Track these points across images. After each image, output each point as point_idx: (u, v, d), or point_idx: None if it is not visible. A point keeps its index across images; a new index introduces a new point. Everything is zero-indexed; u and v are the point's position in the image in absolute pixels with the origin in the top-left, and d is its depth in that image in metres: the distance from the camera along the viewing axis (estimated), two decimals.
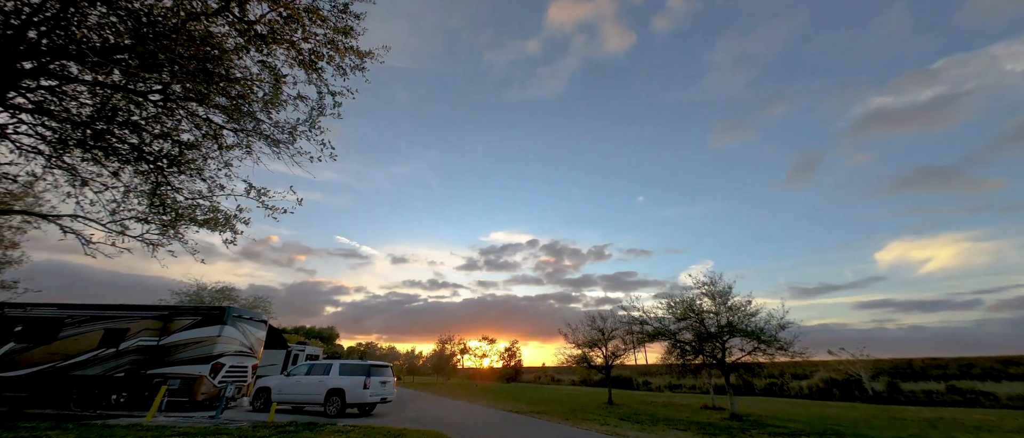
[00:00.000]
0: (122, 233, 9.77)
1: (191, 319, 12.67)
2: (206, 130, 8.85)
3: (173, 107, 8.38)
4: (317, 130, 9.15)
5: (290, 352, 24.25)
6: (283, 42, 8.00)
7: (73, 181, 9.00)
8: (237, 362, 13.10)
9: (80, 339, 12.20)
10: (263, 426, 9.38)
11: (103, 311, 12.72)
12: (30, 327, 12.30)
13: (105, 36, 7.27)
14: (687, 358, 15.75)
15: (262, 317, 15.19)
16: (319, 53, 8.26)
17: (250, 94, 8.42)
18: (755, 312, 14.51)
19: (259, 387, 13.33)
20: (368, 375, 12.30)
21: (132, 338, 12.28)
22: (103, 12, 7.08)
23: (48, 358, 11.94)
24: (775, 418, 14.30)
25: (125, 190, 9.24)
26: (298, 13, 7.74)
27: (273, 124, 8.99)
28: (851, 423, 13.37)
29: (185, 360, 12.04)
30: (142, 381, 11.81)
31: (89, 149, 8.41)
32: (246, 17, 7.73)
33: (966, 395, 22.58)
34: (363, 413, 12.93)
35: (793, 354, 13.68)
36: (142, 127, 8.60)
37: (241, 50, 8.01)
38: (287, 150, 9.20)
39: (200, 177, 9.32)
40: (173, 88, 8.00)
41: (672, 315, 16.28)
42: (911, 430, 11.95)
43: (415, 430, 9.61)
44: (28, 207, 11.54)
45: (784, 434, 10.75)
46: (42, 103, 7.76)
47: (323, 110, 8.95)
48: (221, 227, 9.76)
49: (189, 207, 9.66)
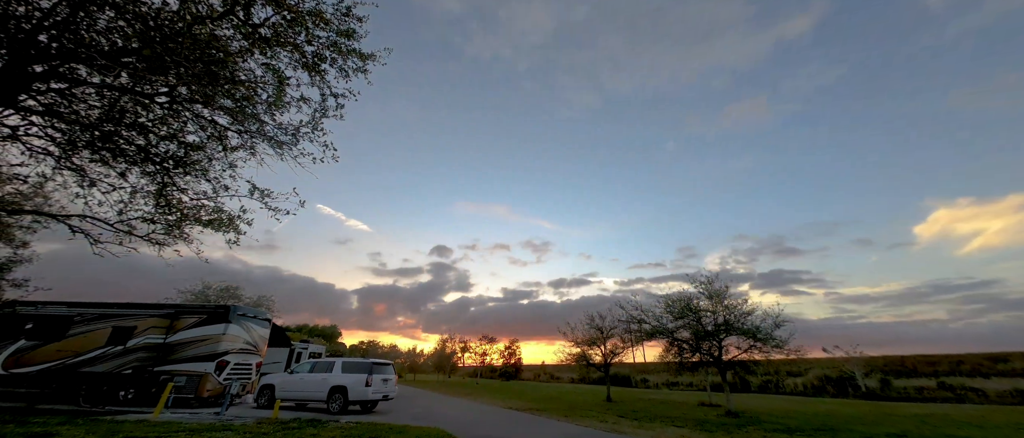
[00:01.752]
0: (129, 233, 9.93)
1: (197, 317, 12.85)
2: (211, 132, 9.00)
3: (179, 109, 8.53)
4: (320, 132, 9.28)
5: (293, 350, 24.46)
6: (287, 45, 8.15)
7: (82, 182, 9.15)
8: (242, 360, 13.29)
9: (89, 337, 12.41)
10: (267, 423, 9.56)
11: (111, 309, 12.92)
12: (41, 325, 12.51)
13: (113, 39, 7.43)
14: (685, 356, 15.97)
15: (266, 315, 15.37)
16: (322, 55, 8.41)
17: (254, 96, 8.56)
18: (751, 311, 14.72)
19: (263, 384, 13.54)
20: (370, 373, 12.48)
21: (139, 336, 12.48)
22: (111, 16, 7.23)
23: (58, 355, 12.15)
24: (770, 415, 14.54)
25: (132, 191, 9.39)
26: (302, 16, 7.88)
27: (277, 126, 9.13)
28: (844, 419, 13.60)
29: (191, 358, 12.23)
30: (149, 378, 12.01)
31: (97, 150, 8.57)
32: (251, 20, 7.88)
33: (956, 391, 22.87)
34: (365, 410, 13.12)
35: (788, 352, 13.90)
36: (149, 129, 8.75)
37: (246, 53, 8.17)
38: (290, 151, 9.33)
39: (205, 178, 9.47)
40: (179, 90, 8.14)
41: (670, 314, 16.49)
42: (903, 426, 12.18)
43: (417, 427, 9.80)
44: (38, 207, 11.72)
45: (779, 430, 10.96)
46: (52, 105, 7.92)
47: (326, 112, 9.09)
48: (225, 227, 9.91)
49: (194, 207, 9.81)
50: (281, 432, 8.44)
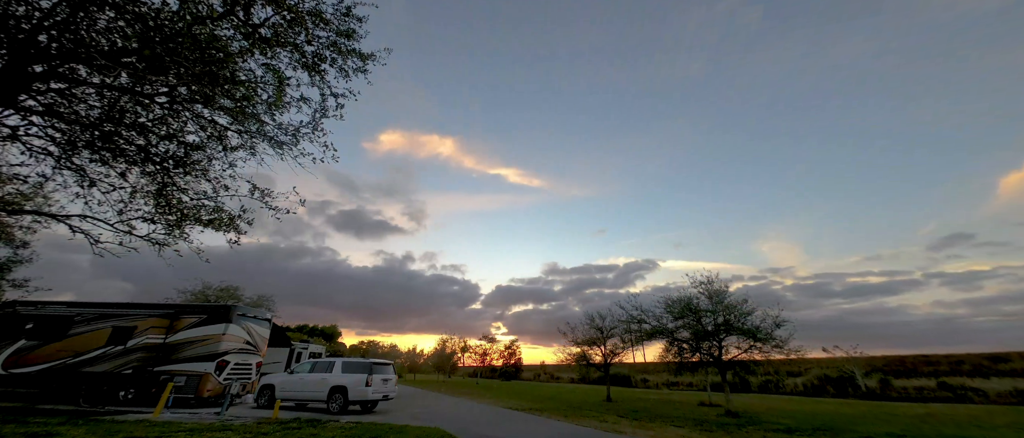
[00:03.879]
0: (129, 233, 9.91)
1: (197, 317, 12.85)
2: (211, 132, 9.00)
3: (179, 109, 8.53)
4: (320, 132, 9.29)
5: (293, 350, 24.48)
6: (287, 45, 8.15)
7: (82, 182, 9.14)
8: (242, 360, 13.29)
9: (89, 336, 12.41)
10: (267, 423, 9.56)
11: (111, 309, 12.92)
12: (41, 325, 12.52)
13: (113, 40, 7.43)
14: (685, 356, 15.98)
15: (266, 315, 15.38)
16: (322, 56, 8.41)
17: (254, 96, 8.56)
18: (751, 311, 14.72)
19: (263, 384, 13.54)
20: (370, 373, 12.48)
21: (139, 336, 12.48)
22: (111, 16, 7.23)
23: (58, 355, 12.16)
24: (770, 414, 14.54)
25: (132, 190, 9.38)
26: (302, 16, 7.88)
27: (277, 126, 9.13)
28: (845, 419, 13.59)
29: (191, 357, 12.23)
30: (149, 378, 12.01)
31: (97, 150, 8.57)
32: (251, 21, 7.89)
33: (956, 391, 22.87)
34: (365, 410, 13.12)
35: (788, 352, 13.90)
36: (149, 129, 8.75)
37: (246, 53, 8.17)
38: (290, 151, 9.34)
39: (205, 178, 9.47)
40: (179, 90, 8.14)
41: (670, 314, 16.50)
42: (903, 426, 12.18)
43: (416, 426, 9.81)
44: (38, 207, 11.71)
45: (779, 430, 10.96)
46: (52, 105, 7.91)
47: (326, 112, 9.09)
48: (225, 227, 9.91)
49: (194, 207, 9.80)
50: (281, 432, 8.45)
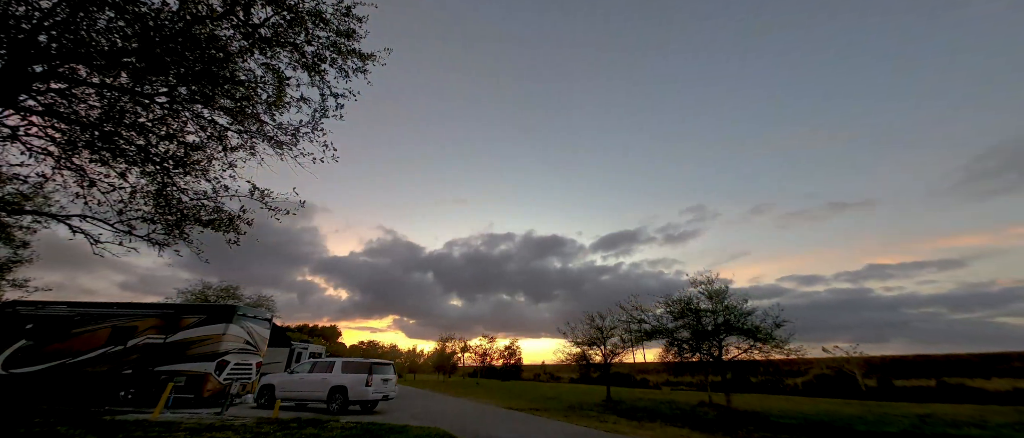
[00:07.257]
0: (129, 233, 9.91)
1: (197, 317, 12.85)
2: (211, 132, 8.99)
3: (179, 109, 8.53)
4: (320, 132, 9.29)
5: (293, 350, 24.49)
6: (287, 45, 8.17)
7: (81, 182, 9.14)
8: (242, 359, 13.29)
9: (89, 336, 12.41)
10: (267, 422, 9.57)
11: (111, 309, 12.93)
12: (41, 325, 12.52)
13: (113, 40, 7.43)
14: (685, 356, 15.99)
15: (266, 315, 15.38)
16: (322, 56, 8.42)
17: (254, 96, 8.58)
18: (751, 311, 14.74)
19: (263, 384, 13.54)
20: (370, 373, 12.48)
21: (140, 336, 12.48)
22: (111, 16, 7.23)
23: (58, 355, 12.16)
24: (770, 414, 14.55)
25: (132, 191, 9.38)
26: (302, 16, 7.89)
27: (277, 126, 9.13)
28: (845, 419, 13.60)
29: (191, 357, 12.23)
30: (149, 378, 12.01)
31: (97, 150, 8.56)
32: (250, 20, 7.89)
33: (956, 390, 22.88)
34: (365, 410, 13.12)
35: (788, 351, 13.92)
36: (148, 129, 8.74)
37: (245, 53, 8.18)
38: (290, 151, 9.34)
39: (205, 178, 9.46)
40: (179, 90, 8.15)
41: (670, 314, 16.51)
42: (902, 425, 12.19)
43: (417, 426, 9.82)
44: (38, 207, 11.71)
45: (779, 430, 10.97)
46: (52, 105, 7.92)
47: (326, 112, 9.10)
48: (225, 227, 9.91)
49: (194, 208, 9.80)
50: (281, 432, 8.46)
